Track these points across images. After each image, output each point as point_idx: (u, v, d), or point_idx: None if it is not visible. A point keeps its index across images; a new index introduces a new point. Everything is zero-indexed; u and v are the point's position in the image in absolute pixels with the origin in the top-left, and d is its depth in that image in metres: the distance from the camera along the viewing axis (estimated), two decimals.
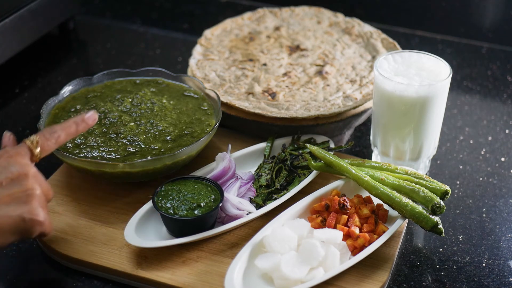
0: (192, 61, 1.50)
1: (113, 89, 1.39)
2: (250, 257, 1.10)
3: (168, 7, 1.97)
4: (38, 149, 1.06)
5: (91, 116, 1.13)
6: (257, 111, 1.33)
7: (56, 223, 1.18)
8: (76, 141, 1.25)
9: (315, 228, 1.15)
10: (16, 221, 0.99)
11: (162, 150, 1.24)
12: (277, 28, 1.60)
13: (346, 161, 1.23)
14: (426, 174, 1.34)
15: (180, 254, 1.14)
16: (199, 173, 1.26)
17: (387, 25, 1.82)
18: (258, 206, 1.21)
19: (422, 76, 1.24)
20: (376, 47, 1.52)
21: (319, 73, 1.45)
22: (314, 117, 1.33)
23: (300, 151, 1.29)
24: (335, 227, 1.14)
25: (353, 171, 1.20)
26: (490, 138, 1.46)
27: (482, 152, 1.42)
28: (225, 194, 1.19)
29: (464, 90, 1.62)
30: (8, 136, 1.10)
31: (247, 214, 1.19)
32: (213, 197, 1.17)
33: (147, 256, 1.13)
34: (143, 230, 1.15)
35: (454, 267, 1.16)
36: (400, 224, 1.14)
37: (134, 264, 1.12)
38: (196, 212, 1.14)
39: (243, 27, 1.61)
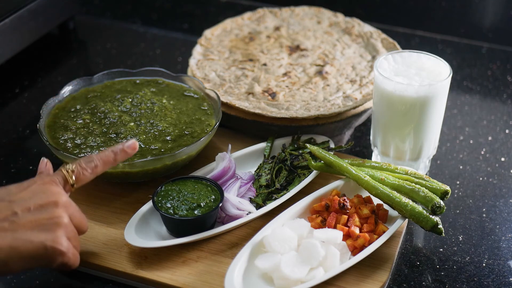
0: (192, 61, 1.50)
1: (113, 89, 1.39)
2: (250, 257, 1.10)
3: (168, 7, 1.97)
4: (73, 178, 1.05)
5: (131, 145, 1.11)
6: (257, 111, 1.33)
7: None
8: (76, 141, 1.25)
9: (315, 228, 1.15)
10: (37, 248, 0.96)
11: (162, 150, 1.24)
12: (277, 28, 1.60)
13: (346, 161, 1.23)
14: (426, 174, 1.34)
15: (180, 254, 1.14)
16: (199, 173, 1.25)
17: (387, 25, 1.82)
18: (258, 206, 1.21)
19: (422, 76, 1.24)
20: (376, 47, 1.52)
21: (319, 73, 1.45)
22: (314, 117, 1.33)
23: (300, 151, 1.29)
24: (335, 227, 1.14)
25: (353, 171, 1.19)
26: (490, 138, 1.46)
27: (482, 152, 1.42)
28: (225, 194, 1.19)
29: (464, 90, 1.62)
30: (45, 162, 1.09)
31: (247, 214, 1.19)
32: (213, 197, 1.17)
33: (147, 256, 1.13)
34: (143, 230, 1.15)
35: (454, 267, 1.16)
36: (400, 224, 1.14)
37: (134, 264, 1.12)
38: (196, 212, 1.14)
39: (243, 27, 1.61)
